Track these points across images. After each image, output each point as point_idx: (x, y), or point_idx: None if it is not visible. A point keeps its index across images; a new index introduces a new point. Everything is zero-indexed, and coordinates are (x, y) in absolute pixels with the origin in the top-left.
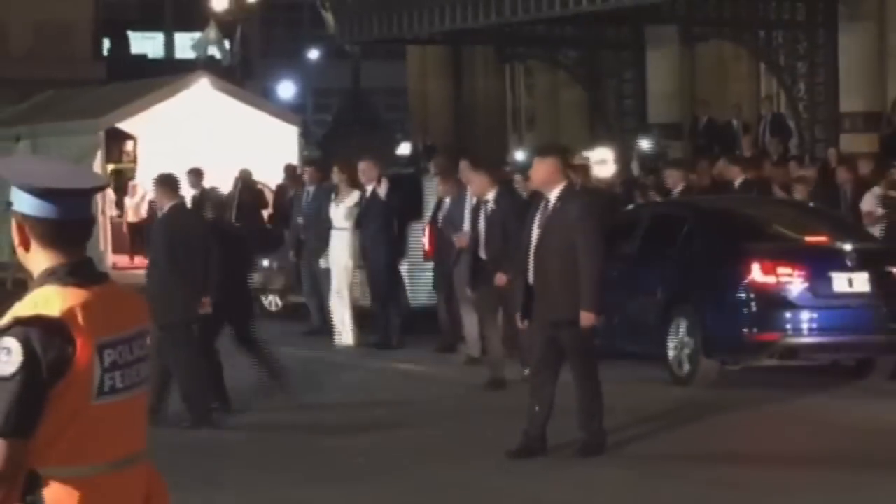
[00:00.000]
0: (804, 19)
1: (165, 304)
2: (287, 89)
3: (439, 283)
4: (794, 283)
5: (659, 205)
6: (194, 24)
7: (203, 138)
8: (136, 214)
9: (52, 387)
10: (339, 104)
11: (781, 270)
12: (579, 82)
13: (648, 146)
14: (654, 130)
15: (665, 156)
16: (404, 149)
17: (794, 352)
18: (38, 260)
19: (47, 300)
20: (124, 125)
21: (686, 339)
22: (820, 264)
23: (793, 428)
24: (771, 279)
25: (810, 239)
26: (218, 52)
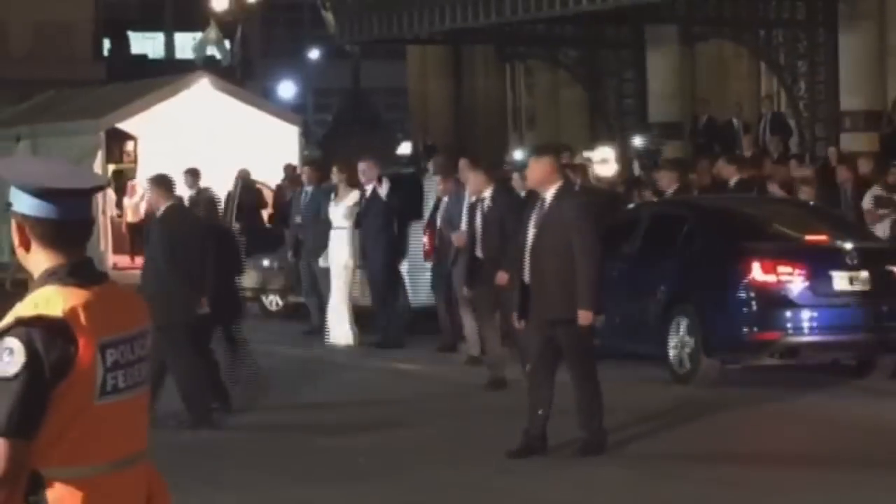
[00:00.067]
0: (804, 18)
1: (164, 305)
2: (287, 89)
3: (438, 282)
4: (795, 282)
5: (659, 204)
6: (194, 24)
7: (203, 138)
8: (134, 214)
9: (55, 387)
10: (339, 104)
11: (782, 269)
12: (579, 82)
13: (642, 144)
14: (654, 129)
15: (660, 153)
16: (404, 149)
17: (795, 351)
18: (38, 260)
19: (48, 300)
20: (125, 125)
21: (686, 339)
22: (820, 263)
23: (793, 427)
24: (771, 278)
25: (811, 238)
26: (218, 53)
